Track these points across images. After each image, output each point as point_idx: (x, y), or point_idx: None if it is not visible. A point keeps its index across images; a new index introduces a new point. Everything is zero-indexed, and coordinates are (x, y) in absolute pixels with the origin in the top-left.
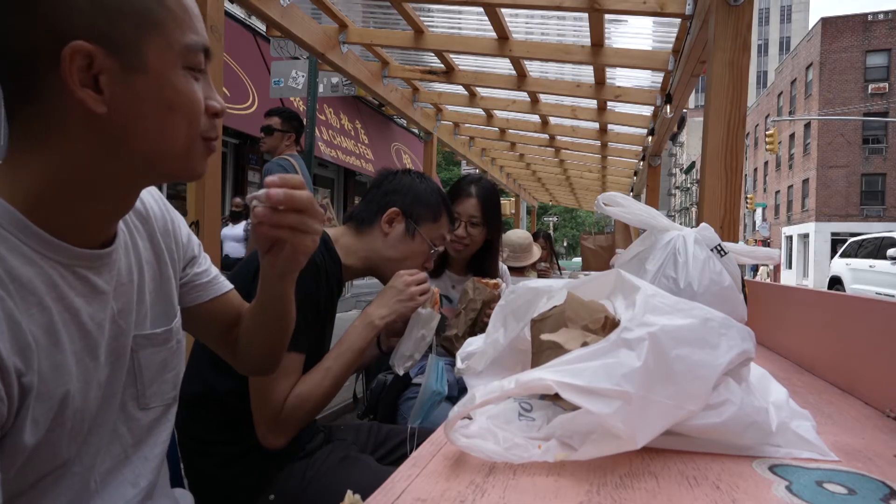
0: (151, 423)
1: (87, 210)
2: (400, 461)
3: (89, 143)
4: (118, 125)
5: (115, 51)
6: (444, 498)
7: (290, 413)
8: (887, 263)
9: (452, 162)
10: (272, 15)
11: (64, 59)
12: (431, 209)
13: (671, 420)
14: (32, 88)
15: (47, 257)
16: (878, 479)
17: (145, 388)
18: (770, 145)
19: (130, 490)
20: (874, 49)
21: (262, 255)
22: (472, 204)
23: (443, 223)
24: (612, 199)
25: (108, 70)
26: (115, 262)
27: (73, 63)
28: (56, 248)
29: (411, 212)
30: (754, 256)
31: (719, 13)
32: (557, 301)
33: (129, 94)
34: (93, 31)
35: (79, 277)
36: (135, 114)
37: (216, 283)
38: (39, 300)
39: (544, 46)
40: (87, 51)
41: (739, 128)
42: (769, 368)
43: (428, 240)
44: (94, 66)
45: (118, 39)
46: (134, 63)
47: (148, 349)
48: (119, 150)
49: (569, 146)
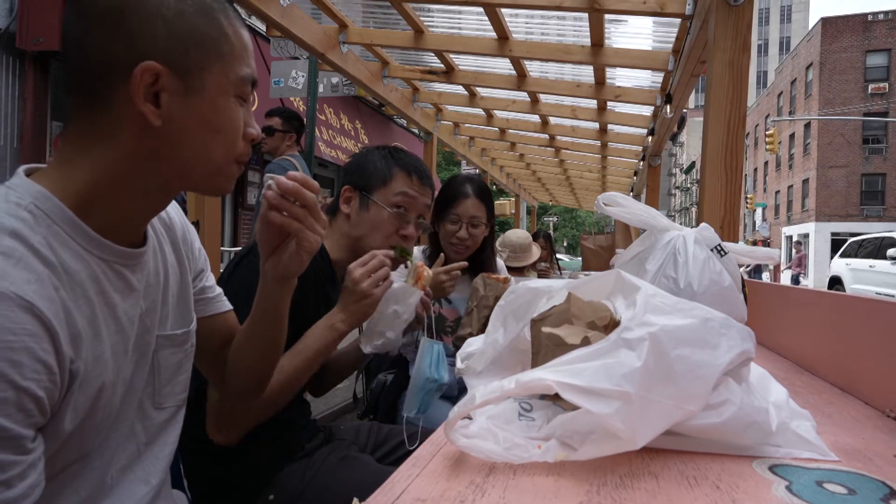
0: (164, 422)
1: (127, 210)
2: (400, 461)
3: (140, 150)
4: (168, 138)
5: (179, 73)
6: (444, 498)
7: (233, 410)
8: (887, 263)
9: (452, 162)
10: (272, 15)
11: (135, 76)
12: (379, 173)
13: (671, 420)
14: (99, 96)
15: (92, 253)
16: (878, 479)
17: (161, 388)
18: (770, 145)
19: (143, 488)
20: (874, 49)
21: (265, 259)
22: (473, 204)
23: (397, 181)
24: (612, 199)
25: (170, 89)
26: (146, 262)
27: (142, 80)
28: (100, 245)
29: (360, 183)
30: (754, 256)
31: (719, 13)
32: (557, 301)
33: (183, 113)
34: (165, 54)
35: (117, 274)
36: (184, 130)
37: (219, 301)
38: (85, 293)
39: (544, 46)
40: (156, 70)
41: (739, 128)
42: (769, 368)
43: (384, 204)
44: (158, 83)
45: (184, 64)
46: (194, 86)
47: (167, 349)
48: (164, 159)
49: (569, 146)
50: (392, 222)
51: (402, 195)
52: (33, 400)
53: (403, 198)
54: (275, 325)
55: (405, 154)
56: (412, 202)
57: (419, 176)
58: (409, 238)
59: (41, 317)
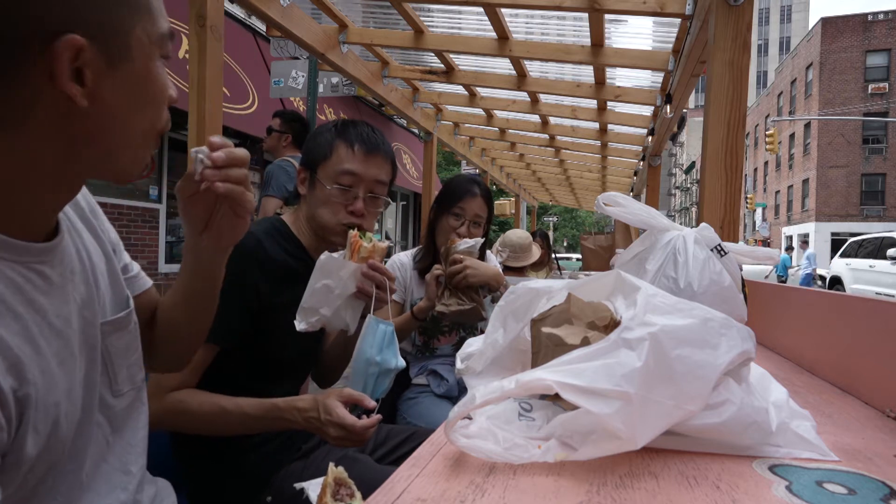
0: (127, 408)
1: (37, 204)
2: (400, 461)
3: (59, 135)
4: (94, 119)
5: (102, 42)
6: (444, 498)
7: (166, 411)
8: (887, 263)
9: (452, 162)
10: (272, 15)
11: (58, 53)
12: (321, 149)
13: (671, 420)
14: (3, 76)
15: (5, 259)
16: (878, 479)
17: (116, 375)
18: (770, 145)
19: (122, 477)
20: (874, 49)
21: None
22: (479, 204)
23: (338, 155)
24: (612, 199)
25: (93, 63)
26: (65, 250)
27: (66, 56)
28: (14, 247)
29: (308, 161)
30: (754, 256)
31: (719, 13)
32: (557, 301)
33: (111, 86)
34: (84, 20)
35: (38, 274)
36: (113, 106)
37: (140, 278)
38: (10, 308)
39: (544, 46)
40: (79, 45)
41: (739, 128)
42: (769, 368)
43: (326, 181)
44: (79, 58)
45: (108, 29)
46: (120, 54)
47: (113, 335)
48: (90, 143)
49: (569, 146)
50: (339, 199)
51: (344, 171)
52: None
53: (346, 174)
54: (213, 293)
55: (354, 125)
56: (356, 177)
57: (366, 147)
58: (357, 213)
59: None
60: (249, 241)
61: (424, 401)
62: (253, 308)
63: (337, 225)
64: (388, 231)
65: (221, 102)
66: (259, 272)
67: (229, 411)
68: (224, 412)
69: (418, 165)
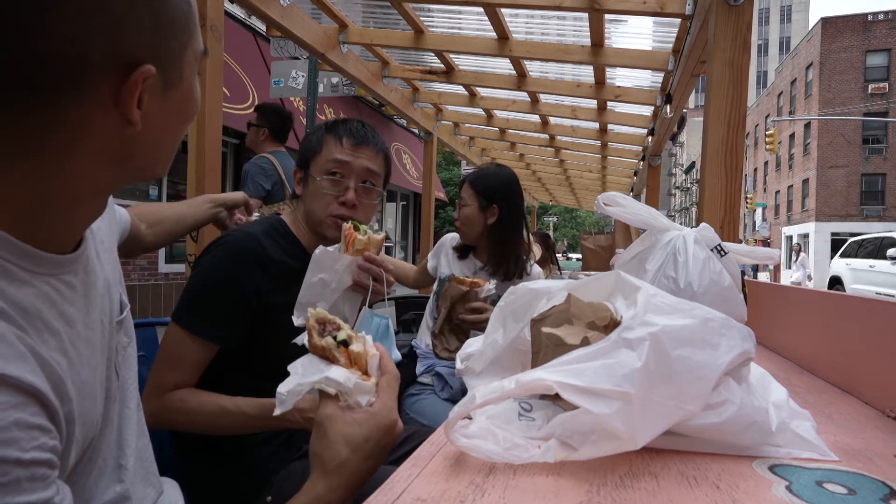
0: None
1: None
2: (400, 461)
3: (106, 152)
4: (141, 137)
5: (164, 68)
6: (444, 498)
7: (167, 410)
8: (887, 263)
9: (452, 162)
10: (272, 15)
11: (134, 81)
12: (312, 145)
13: (671, 420)
14: (55, 96)
15: (37, 273)
16: (878, 479)
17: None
18: (770, 145)
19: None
20: (874, 49)
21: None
22: (464, 187)
23: (328, 148)
24: (612, 199)
25: (153, 88)
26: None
27: (138, 84)
28: (44, 260)
29: (301, 161)
30: (754, 256)
31: (719, 13)
32: (557, 301)
33: (162, 108)
34: (151, 48)
35: (66, 284)
36: (162, 127)
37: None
38: (46, 324)
39: (544, 46)
40: (151, 74)
41: (739, 128)
42: (769, 368)
43: (317, 174)
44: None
45: (171, 55)
46: (172, 79)
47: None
48: (133, 159)
49: (569, 146)
50: (329, 189)
51: (334, 161)
52: (43, 465)
53: (335, 164)
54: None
55: (344, 121)
56: (346, 166)
57: (354, 139)
58: (348, 204)
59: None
60: (249, 240)
61: (428, 398)
62: (253, 307)
63: (328, 217)
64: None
65: (221, 102)
66: (259, 272)
67: (229, 411)
68: (224, 412)
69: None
